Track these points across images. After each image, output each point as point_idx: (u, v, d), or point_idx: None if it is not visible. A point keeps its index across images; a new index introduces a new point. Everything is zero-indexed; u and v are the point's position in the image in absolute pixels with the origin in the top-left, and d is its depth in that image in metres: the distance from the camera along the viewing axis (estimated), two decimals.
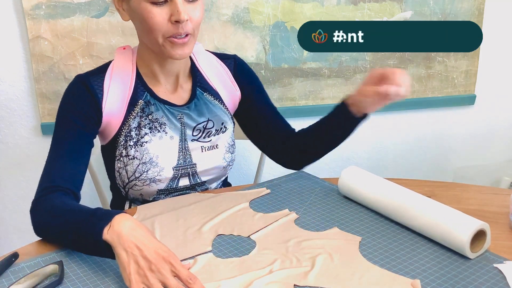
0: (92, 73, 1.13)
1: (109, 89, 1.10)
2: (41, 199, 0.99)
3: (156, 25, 1.02)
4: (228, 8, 1.74)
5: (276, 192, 1.16)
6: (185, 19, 1.01)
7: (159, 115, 1.13)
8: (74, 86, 1.11)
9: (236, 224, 1.01)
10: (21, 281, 0.80)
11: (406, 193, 1.00)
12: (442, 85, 2.02)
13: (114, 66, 1.14)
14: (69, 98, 1.10)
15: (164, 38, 1.04)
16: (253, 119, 1.27)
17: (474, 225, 0.88)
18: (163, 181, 1.14)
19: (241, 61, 1.27)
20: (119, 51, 1.16)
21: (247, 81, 1.26)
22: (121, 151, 1.12)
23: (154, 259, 0.77)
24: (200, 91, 1.18)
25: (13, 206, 1.82)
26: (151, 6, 1.01)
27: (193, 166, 1.17)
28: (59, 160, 1.05)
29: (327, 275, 0.83)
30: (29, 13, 1.60)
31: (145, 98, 1.13)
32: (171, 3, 1.01)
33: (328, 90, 1.92)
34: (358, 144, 2.06)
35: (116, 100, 1.11)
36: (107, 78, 1.11)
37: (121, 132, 1.12)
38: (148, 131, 1.12)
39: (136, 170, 1.12)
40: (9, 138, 1.73)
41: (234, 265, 0.86)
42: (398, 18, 1.89)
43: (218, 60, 1.24)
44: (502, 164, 2.23)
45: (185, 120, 1.15)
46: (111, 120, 1.11)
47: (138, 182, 1.13)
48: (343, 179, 1.11)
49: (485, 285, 0.80)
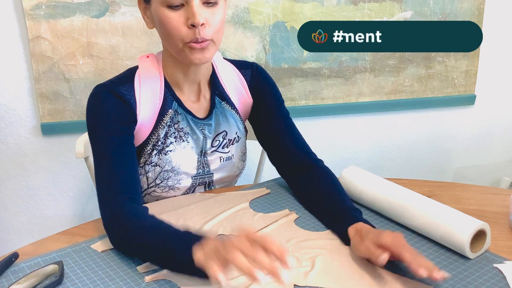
0: (119, 83, 1.07)
1: (140, 98, 1.07)
2: (118, 214, 0.93)
3: (173, 29, 1.00)
4: (228, 8, 1.73)
5: (276, 192, 1.16)
6: (200, 23, 0.97)
7: (184, 125, 1.12)
8: (104, 97, 1.05)
9: (236, 224, 1.01)
10: (21, 281, 0.80)
11: (406, 193, 1.00)
12: (442, 85, 2.02)
13: (141, 75, 1.09)
14: (104, 109, 1.04)
15: (184, 43, 1.01)
16: (262, 128, 1.22)
17: (474, 225, 0.88)
18: (181, 189, 1.14)
19: (259, 70, 1.22)
20: (143, 59, 1.12)
21: (262, 92, 1.20)
22: (146, 159, 1.11)
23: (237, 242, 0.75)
24: (218, 99, 1.16)
25: (13, 206, 1.82)
26: (168, 11, 0.99)
27: (210, 176, 1.17)
28: (117, 170, 0.99)
29: (327, 275, 0.83)
30: (29, 13, 1.60)
31: (174, 107, 1.11)
32: (187, 6, 0.99)
33: (328, 90, 1.92)
34: (358, 144, 2.06)
35: (148, 109, 1.08)
36: (137, 87, 1.08)
37: (149, 141, 1.10)
38: (174, 140, 1.11)
39: (157, 177, 1.12)
40: (9, 138, 1.73)
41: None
42: (398, 18, 1.89)
43: (235, 69, 1.20)
44: (502, 164, 2.23)
45: (206, 131, 1.14)
46: (142, 128, 1.08)
47: (157, 189, 1.13)
48: (343, 179, 1.11)
49: (485, 285, 0.80)
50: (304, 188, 1.12)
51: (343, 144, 2.04)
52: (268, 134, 1.21)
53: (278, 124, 1.20)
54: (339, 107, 1.95)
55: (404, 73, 1.97)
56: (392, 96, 1.99)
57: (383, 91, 1.97)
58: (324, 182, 1.10)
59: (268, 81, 1.22)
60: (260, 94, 1.21)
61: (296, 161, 1.16)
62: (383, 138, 2.08)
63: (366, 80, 1.94)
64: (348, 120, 2.00)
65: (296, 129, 1.21)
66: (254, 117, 1.24)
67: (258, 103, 1.21)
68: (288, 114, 1.22)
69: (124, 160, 1.01)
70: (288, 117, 1.22)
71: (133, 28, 1.68)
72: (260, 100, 1.21)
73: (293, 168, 1.16)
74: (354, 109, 1.97)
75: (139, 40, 1.69)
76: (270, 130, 1.21)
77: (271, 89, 1.22)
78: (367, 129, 2.04)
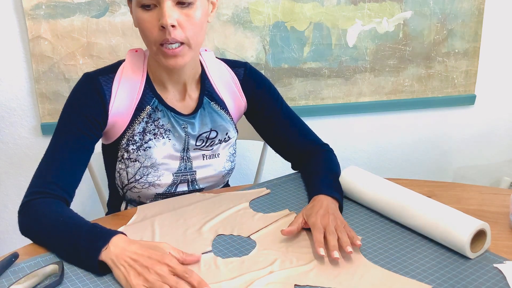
0: (101, 72, 1.09)
1: (117, 91, 1.08)
2: (31, 203, 0.97)
3: (146, 30, 0.99)
4: (228, 8, 1.74)
5: (276, 192, 1.16)
6: (168, 24, 0.95)
7: (165, 122, 1.11)
8: (82, 85, 1.08)
9: (236, 224, 1.01)
10: (21, 281, 0.80)
11: (406, 193, 1.00)
12: (442, 85, 2.02)
13: (124, 68, 1.11)
14: (76, 99, 1.07)
15: (157, 46, 1.00)
16: (262, 126, 1.25)
17: (474, 225, 0.88)
18: (162, 185, 1.14)
19: (252, 70, 1.22)
20: (131, 53, 1.13)
21: (255, 90, 1.21)
22: (123, 153, 1.12)
23: (150, 264, 0.80)
24: (207, 99, 1.16)
25: (13, 206, 1.82)
26: (142, 12, 0.99)
27: (193, 173, 1.16)
28: (56, 164, 1.02)
29: (327, 275, 0.83)
30: (29, 13, 1.60)
31: (153, 104, 1.11)
32: (159, 7, 0.97)
33: (328, 90, 1.92)
34: (358, 144, 2.06)
35: (123, 103, 1.09)
36: (116, 80, 1.09)
37: (125, 135, 1.10)
38: (153, 136, 1.11)
39: (136, 172, 1.11)
40: (9, 138, 1.73)
41: (234, 265, 0.86)
42: (398, 18, 1.89)
43: (228, 68, 1.20)
44: (502, 164, 2.23)
45: (188, 130, 1.13)
46: (117, 122, 1.09)
47: (137, 185, 1.13)
48: (343, 179, 1.11)
49: (485, 285, 0.80)
50: (305, 169, 1.21)
51: (343, 144, 2.04)
52: (270, 130, 1.24)
53: (278, 119, 1.23)
54: (339, 107, 1.95)
55: (404, 73, 1.97)
56: (392, 96, 1.99)
57: (383, 91, 1.97)
58: (317, 160, 1.19)
59: (261, 78, 1.23)
60: (254, 92, 1.21)
61: (303, 152, 1.23)
62: (383, 138, 2.08)
63: (366, 80, 1.94)
64: (348, 120, 2.00)
65: (296, 119, 1.25)
66: (251, 116, 1.25)
67: (253, 102, 1.22)
68: (287, 105, 1.25)
69: (68, 158, 1.03)
70: (287, 108, 1.25)
71: (133, 28, 1.68)
72: (255, 99, 1.22)
73: (301, 158, 1.24)
74: (354, 109, 1.97)
75: (139, 40, 1.69)
76: (271, 127, 1.24)
77: (264, 86, 1.23)
78: (367, 129, 2.04)
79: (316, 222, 0.93)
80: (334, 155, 1.23)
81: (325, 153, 1.22)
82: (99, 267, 0.84)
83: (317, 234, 0.90)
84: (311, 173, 1.16)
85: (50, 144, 1.05)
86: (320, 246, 0.88)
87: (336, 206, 1.01)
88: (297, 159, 1.26)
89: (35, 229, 0.94)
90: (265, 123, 1.24)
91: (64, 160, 1.03)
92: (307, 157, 1.22)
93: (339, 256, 0.86)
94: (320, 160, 1.19)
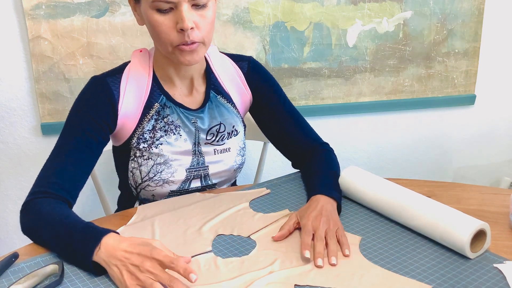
0: (108, 74, 1.11)
1: (125, 91, 1.09)
2: (33, 202, 0.98)
3: (162, 33, 1.00)
4: (228, 8, 1.74)
5: (276, 192, 1.16)
6: (189, 27, 0.98)
7: (174, 118, 1.12)
8: (90, 87, 1.09)
9: (236, 224, 1.01)
10: (21, 281, 0.80)
11: (406, 193, 1.00)
12: (442, 85, 2.02)
13: (130, 68, 1.12)
14: (85, 100, 1.08)
15: (173, 46, 1.02)
16: (265, 121, 1.26)
17: (474, 225, 0.88)
18: (176, 182, 1.14)
19: (256, 64, 1.24)
20: (136, 54, 1.14)
21: (260, 84, 1.23)
22: (135, 151, 1.12)
23: (140, 261, 0.80)
24: (213, 93, 1.17)
25: (13, 206, 1.82)
26: (157, 15, 1.00)
27: (205, 169, 1.17)
28: (60, 165, 1.03)
29: (327, 275, 0.83)
30: (29, 13, 1.60)
31: (161, 101, 1.12)
32: (176, 10, 0.98)
33: (328, 90, 1.92)
34: (358, 144, 2.06)
35: (132, 103, 1.10)
36: (124, 80, 1.10)
37: (135, 134, 1.11)
38: (164, 133, 1.11)
39: (150, 170, 1.12)
40: (9, 138, 1.73)
41: (234, 265, 0.86)
42: (398, 18, 1.89)
43: (232, 62, 1.21)
44: (502, 164, 2.23)
45: (198, 124, 1.14)
46: (126, 122, 1.10)
47: (151, 183, 1.13)
48: (343, 179, 1.11)
49: (485, 285, 0.80)
50: (305, 168, 1.22)
51: (343, 144, 2.04)
52: (273, 125, 1.25)
53: (282, 114, 1.25)
54: (339, 107, 1.95)
55: (404, 73, 1.96)
56: (392, 96, 1.99)
57: (383, 91, 1.97)
58: (317, 159, 1.19)
59: (265, 72, 1.25)
60: (258, 86, 1.23)
61: (304, 150, 1.24)
62: (383, 138, 2.08)
63: (366, 80, 1.94)
64: (348, 120, 2.00)
65: (299, 116, 1.26)
66: (255, 110, 1.26)
67: (258, 95, 1.23)
68: (289, 102, 1.26)
69: (74, 160, 1.04)
70: (290, 104, 1.26)
71: (133, 28, 1.68)
72: (259, 92, 1.23)
73: (301, 156, 1.24)
74: (354, 109, 1.97)
75: (139, 40, 1.69)
76: (275, 121, 1.25)
77: (267, 78, 1.25)
78: (367, 129, 2.04)
79: (307, 224, 0.94)
80: (334, 154, 1.24)
81: (325, 152, 1.22)
82: (94, 268, 0.84)
83: (305, 237, 0.91)
84: (310, 172, 1.17)
85: (56, 145, 1.06)
86: (306, 248, 0.88)
87: (333, 206, 1.01)
88: (297, 157, 1.26)
89: (35, 228, 0.95)
90: (269, 117, 1.25)
91: (69, 162, 1.03)
92: (308, 156, 1.22)
93: (322, 265, 0.85)
94: (320, 160, 1.19)
